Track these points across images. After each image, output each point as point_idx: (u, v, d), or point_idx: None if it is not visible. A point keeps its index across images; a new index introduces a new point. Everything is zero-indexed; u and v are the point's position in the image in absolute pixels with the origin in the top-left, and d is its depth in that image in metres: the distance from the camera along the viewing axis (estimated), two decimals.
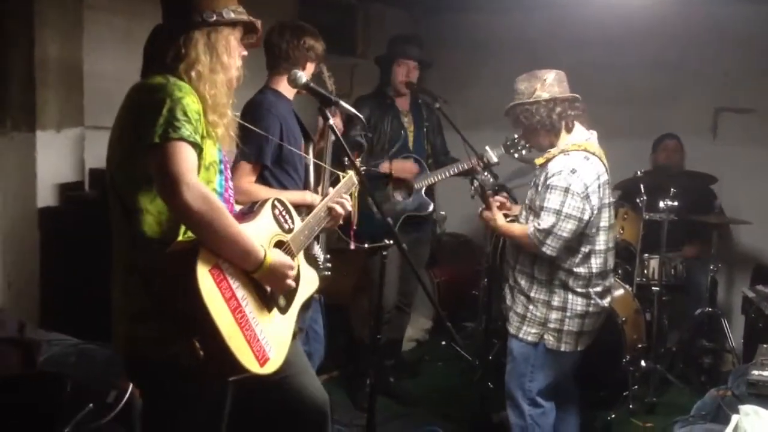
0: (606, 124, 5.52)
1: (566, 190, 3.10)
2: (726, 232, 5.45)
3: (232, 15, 2.21)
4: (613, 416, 4.40)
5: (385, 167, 4.42)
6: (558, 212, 3.10)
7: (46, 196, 3.90)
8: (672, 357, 4.99)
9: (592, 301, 3.24)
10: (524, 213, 3.37)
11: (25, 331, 3.18)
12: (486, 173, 3.87)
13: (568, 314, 3.22)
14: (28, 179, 3.85)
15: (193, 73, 2.14)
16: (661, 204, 4.67)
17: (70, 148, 4.02)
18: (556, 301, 3.23)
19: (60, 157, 3.96)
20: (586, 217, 3.12)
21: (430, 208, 4.60)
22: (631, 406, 4.44)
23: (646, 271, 4.95)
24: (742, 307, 4.81)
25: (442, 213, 4.92)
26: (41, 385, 2.86)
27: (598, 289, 3.27)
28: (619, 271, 4.89)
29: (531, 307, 3.28)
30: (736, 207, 5.21)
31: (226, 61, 2.21)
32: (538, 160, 3.35)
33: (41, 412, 2.81)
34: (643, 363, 4.63)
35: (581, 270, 3.21)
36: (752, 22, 5.31)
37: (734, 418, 2.74)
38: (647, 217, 4.73)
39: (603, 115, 5.58)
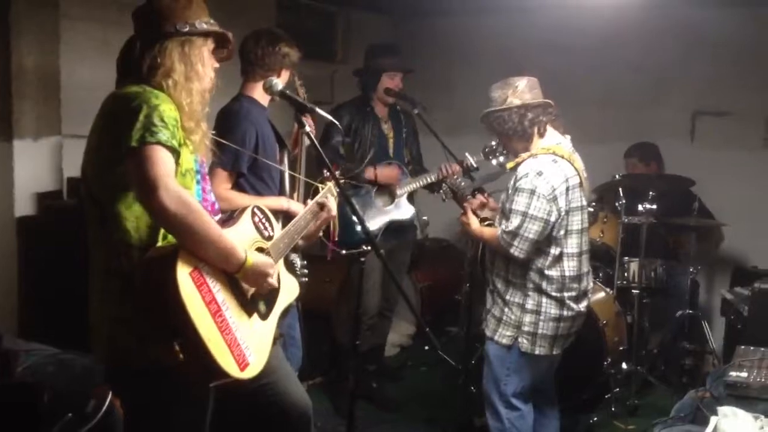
0: (585, 128, 5.57)
1: (532, 192, 3.14)
2: (705, 234, 5.48)
3: (205, 26, 2.25)
4: (595, 419, 4.42)
5: (370, 173, 4.43)
6: (524, 214, 3.14)
7: (24, 205, 3.87)
8: (653, 359, 5.02)
9: (566, 306, 3.26)
10: (498, 217, 3.40)
11: (2, 341, 3.15)
12: (458, 177, 3.88)
13: (542, 317, 3.24)
14: (5, 188, 3.83)
15: (169, 82, 2.17)
16: (640, 207, 4.70)
17: (48, 156, 3.99)
18: (529, 304, 3.25)
19: (38, 166, 3.94)
20: (552, 218, 3.16)
21: (412, 214, 4.61)
22: (613, 409, 4.47)
23: (626, 274, 4.96)
24: (722, 308, 4.86)
25: (425, 218, 4.93)
26: (18, 395, 2.84)
27: (573, 293, 3.28)
28: (600, 275, 4.92)
29: (506, 309, 3.31)
30: (714, 209, 5.25)
31: (200, 71, 2.24)
32: (509, 164, 3.40)
33: (18, 422, 2.79)
34: (624, 365, 4.65)
35: (553, 273, 3.23)
36: (729, 25, 5.36)
37: (713, 419, 2.75)
38: (626, 220, 4.75)
39: (582, 119, 5.64)
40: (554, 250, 3.23)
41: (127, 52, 2.25)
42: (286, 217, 3.01)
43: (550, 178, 3.15)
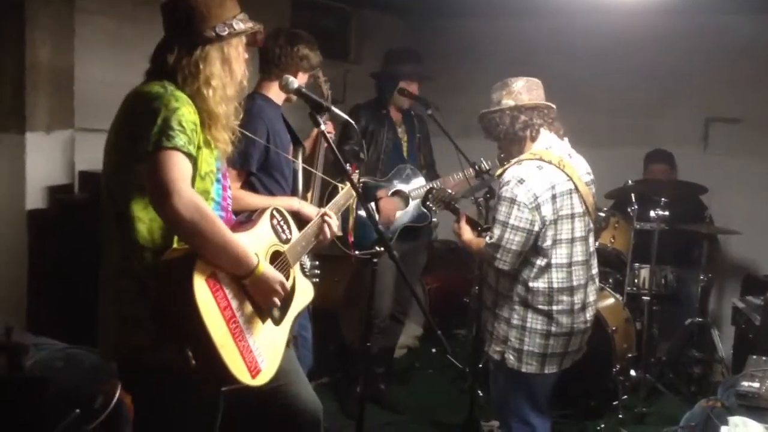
0: (597, 134, 5.58)
1: (512, 201, 3.00)
2: (716, 242, 5.46)
3: (242, 26, 2.23)
4: (602, 426, 4.39)
5: (381, 194, 4.41)
6: (505, 224, 3.01)
7: (35, 199, 3.87)
8: (662, 367, 4.99)
9: (555, 321, 3.08)
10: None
11: (12, 335, 3.15)
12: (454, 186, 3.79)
13: (526, 333, 3.08)
14: (17, 181, 3.83)
15: (210, 92, 2.14)
16: (652, 213, 4.67)
17: (60, 150, 4.00)
18: (515, 318, 3.11)
19: (49, 160, 3.95)
20: (535, 228, 3.01)
21: (429, 219, 4.59)
22: (620, 416, 4.43)
23: (636, 281, 4.95)
24: (732, 317, 4.83)
25: (434, 220, 4.92)
26: (26, 390, 2.84)
27: (562, 306, 3.09)
28: (610, 280, 4.90)
29: (496, 324, 3.18)
30: (726, 217, 5.22)
31: (236, 70, 2.23)
32: (497, 172, 3.27)
33: (23, 417, 2.79)
34: (633, 372, 4.63)
35: (539, 285, 3.07)
36: (742, 31, 5.34)
37: (723, 429, 2.74)
38: (638, 226, 4.73)
39: (594, 124, 5.65)
40: (540, 261, 3.06)
41: (161, 54, 2.19)
42: (295, 217, 2.99)
43: (532, 185, 3.00)
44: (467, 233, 3.33)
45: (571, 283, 3.11)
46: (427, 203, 3.56)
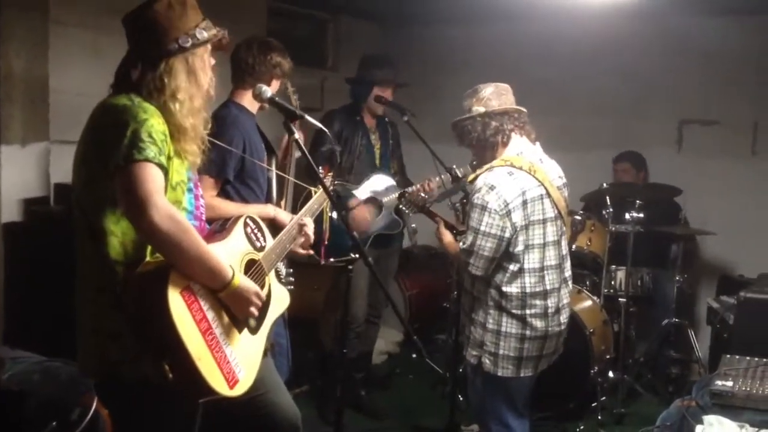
0: (572, 136, 5.62)
1: (483, 208, 3.03)
2: (692, 243, 5.51)
3: (205, 34, 2.19)
4: (582, 427, 4.43)
5: (354, 203, 4.41)
6: (476, 230, 3.03)
7: (10, 211, 3.86)
8: (640, 368, 5.04)
9: (529, 325, 3.11)
10: None
11: None
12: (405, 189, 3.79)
13: (501, 337, 3.11)
14: None
15: (176, 105, 2.12)
16: (627, 216, 4.72)
17: (35, 162, 3.98)
18: (490, 323, 3.13)
19: (25, 172, 3.93)
20: (507, 234, 3.03)
21: (401, 226, 4.62)
22: (599, 417, 4.47)
23: (613, 283, 5.00)
24: (708, 317, 4.87)
25: (413, 226, 4.93)
26: (2, 403, 2.83)
27: (536, 310, 3.11)
28: (587, 283, 4.93)
29: (472, 328, 3.21)
30: (701, 218, 5.28)
31: (203, 82, 2.21)
32: (470, 178, 3.30)
33: (3, 430, 2.78)
34: (611, 374, 4.67)
35: (512, 289, 3.09)
36: (717, 34, 5.38)
37: (698, 428, 2.77)
38: (613, 228, 4.77)
39: (570, 127, 5.70)
40: (513, 266, 3.08)
41: (125, 68, 2.17)
42: (271, 225, 3.00)
43: (502, 192, 3.03)
44: (447, 236, 3.37)
45: (545, 287, 3.13)
46: (401, 207, 3.58)
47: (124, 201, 2.00)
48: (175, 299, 1.98)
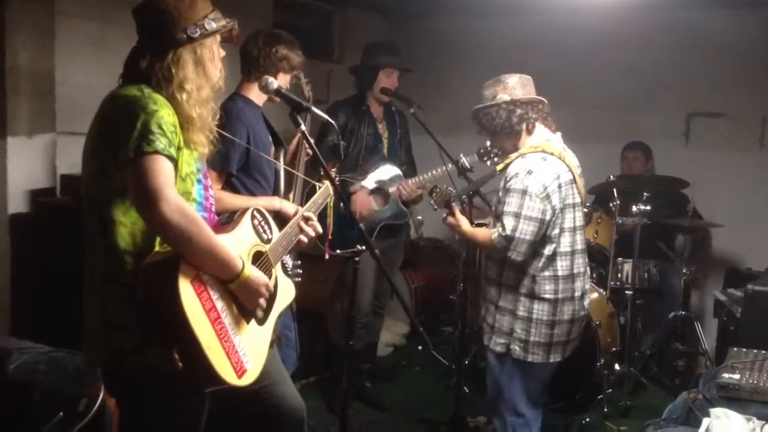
0: (579, 129, 5.56)
1: (524, 192, 3.07)
2: (699, 235, 5.49)
3: (214, 25, 2.19)
4: (587, 420, 4.42)
5: (355, 188, 4.41)
6: (517, 215, 3.07)
7: (17, 203, 3.87)
8: (646, 360, 5.02)
9: (560, 309, 3.19)
10: (491, 220, 3.35)
11: None
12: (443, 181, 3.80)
13: (533, 324, 3.17)
14: None
15: (183, 96, 2.12)
16: (634, 208, 4.71)
17: (42, 154, 3.99)
18: (521, 310, 3.18)
19: (31, 164, 3.94)
20: (547, 217, 3.10)
21: (407, 216, 4.61)
22: (605, 410, 4.47)
23: (619, 275, 4.99)
24: (715, 310, 4.86)
25: (419, 218, 4.92)
26: (7, 394, 2.83)
27: (566, 294, 3.20)
28: (594, 275, 4.92)
29: (498, 316, 3.25)
30: (708, 210, 5.26)
31: (211, 73, 2.21)
32: (499, 166, 3.35)
33: (6, 421, 2.78)
34: (617, 366, 4.67)
35: (546, 274, 3.16)
36: (724, 27, 5.36)
37: (705, 421, 2.75)
38: (620, 221, 4.76)
39: (577, 120, 5.65)
40: (548, 250, 3.15)
41: (134, 59, 2.17)
42: (277, 217, 3.00)
43: (540, 176, 3.09)
44: (466, 223, 3.38)
45: (572, 271, 3.22)
46: (431, 203, 3.57)
47: (135, 194, 2.00)
48: (186, 288, 1.98)
